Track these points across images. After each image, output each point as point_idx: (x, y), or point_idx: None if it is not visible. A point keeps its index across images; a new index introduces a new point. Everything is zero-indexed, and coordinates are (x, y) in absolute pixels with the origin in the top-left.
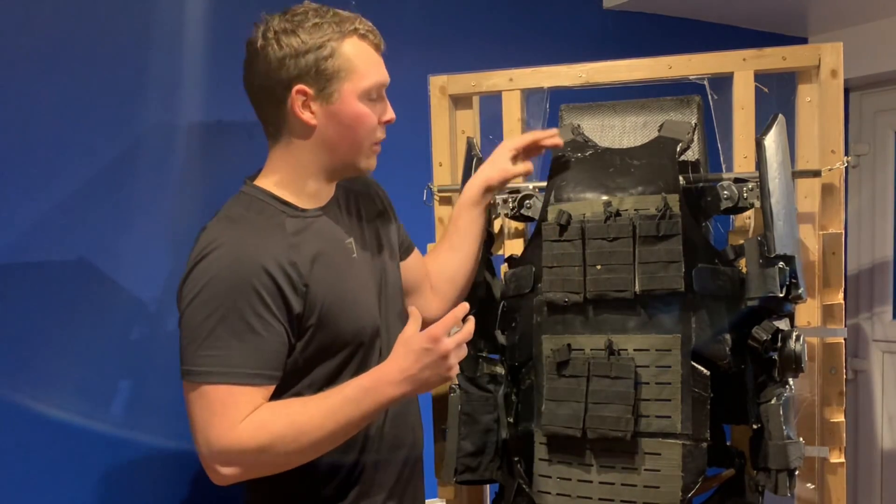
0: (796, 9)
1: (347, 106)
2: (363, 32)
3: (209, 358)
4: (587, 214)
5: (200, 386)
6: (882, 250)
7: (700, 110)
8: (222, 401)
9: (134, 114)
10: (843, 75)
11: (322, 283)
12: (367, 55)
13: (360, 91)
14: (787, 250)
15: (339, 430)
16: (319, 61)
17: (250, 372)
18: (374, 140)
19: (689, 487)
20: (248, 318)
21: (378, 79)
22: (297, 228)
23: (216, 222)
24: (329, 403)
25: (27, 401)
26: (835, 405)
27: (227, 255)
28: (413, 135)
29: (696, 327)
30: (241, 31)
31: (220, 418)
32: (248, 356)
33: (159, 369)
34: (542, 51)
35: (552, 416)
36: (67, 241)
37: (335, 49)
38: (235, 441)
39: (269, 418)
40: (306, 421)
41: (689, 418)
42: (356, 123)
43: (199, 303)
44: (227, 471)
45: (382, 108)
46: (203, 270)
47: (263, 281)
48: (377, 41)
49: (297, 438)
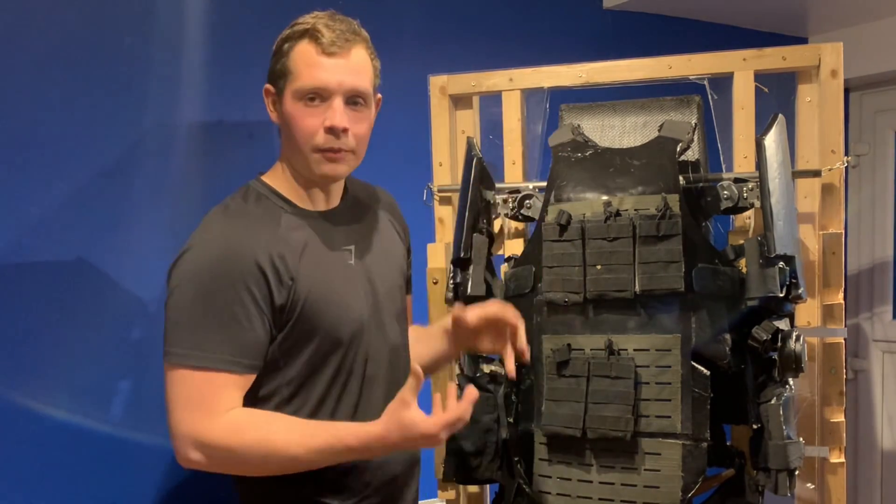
0: (796, 9)
1: (287, 106)
2: (315, 35)
3: (190, 342)
4: (587, 214)
5: (179, 369)
6: (882, 250)
7: (700, 110)
8: (200, 388)
9: (134, 114)
10: (843, 75)
11: (308, 277)
12: (308, 57)
13: (292, 91)
14: (787, 250)
15: (307, 464)
16: (277, 61)
17: (229, 359)
18: (314, 145)
19: (689, 487)
20: (232, 307)
21: (311, 82)
22: (292, 225)
23: (214, 212)
24: (310, 442)
25: (27, 401)
26: (835, 405)
27: (218, 246)
28: (413, 135)
29: (696, 327)
30: (242, 32)
31: (196, 406)
32: (228, 344)
33: (159, 369)
34: (542, 51)
35: (552, 415)
36: (67, 241)
37: (288, 50)
38: (207, 434)
39: (245, 426)
40: (282, 446)
41: (689, 418)
42: (293, 125)
43: (186, 289)
44: (194, 456)
45: (326, 113)
46: (193, 258)
47: (251, 272)
48: (330, 43)
49: (265, 456)
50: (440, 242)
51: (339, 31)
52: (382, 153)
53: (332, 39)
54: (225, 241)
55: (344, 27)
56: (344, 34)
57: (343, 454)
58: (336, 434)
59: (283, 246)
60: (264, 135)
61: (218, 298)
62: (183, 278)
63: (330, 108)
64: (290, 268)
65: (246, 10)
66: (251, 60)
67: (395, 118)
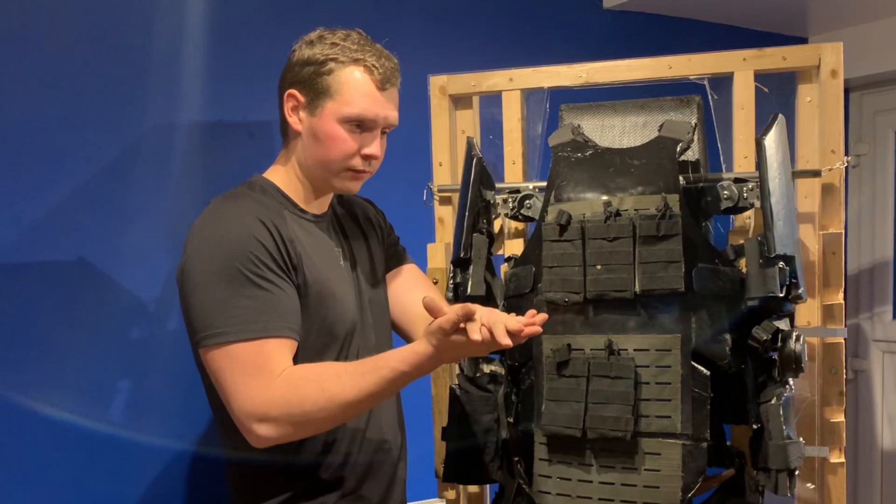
0: (796, 9)
1: (326, 123)
2: (369, 65)
3: (225, 320)
4: (587, 214)
5: (224, 347)
6: (882, 250)
7: (700, 110)
8: (250, 359)
9: (134, 114)
10: (843, 75)
11: (312, 269)
12: (362, 87)
13: (340, 115)
14: (787, 250)
15: (371, 405)
16: (316, 75)
17: (269, 325)
18: (348, 166)
19: (689, 487)
20: (253, 279)
21: (364, 111)
22: (293, 220)
23: (217, 199)
24: (361, 383)
25: (27, 401)
26: (835, 405)
27: (225, 224)
28: (413, 135)
29: (696, 327)
30: (241, 32)
31: (251, 377)
32: (262, 312)
33: (159, 369)
34: (542, 51)
35: (552, 416)
36: (67, 241)
37: (334, 69)
38: (266, 402)
39: (300, 382)
40: (338, 392)
41: (689, 418)
42: (328, 142)
43: (202, 272)
44: (263, 431)
45: (368, 140)
46: (202, 242)
47: (265, 240)
48: (384, 80)
49: (329, 409)
50: (440, 242)
51: (390, 69)
52: None
53: (386, 76)
54: (233, 217)
55: (392, 65)
56: (394, 73)
57: (398, 381)
58: (385, 366)
59: (289, 232)
60: (264, 135)
61: (237, 273)
62: (196, 263)
63: (373, 138)
64: (295, 255)
65: (246, 9)
66: (251, 60)
67: None
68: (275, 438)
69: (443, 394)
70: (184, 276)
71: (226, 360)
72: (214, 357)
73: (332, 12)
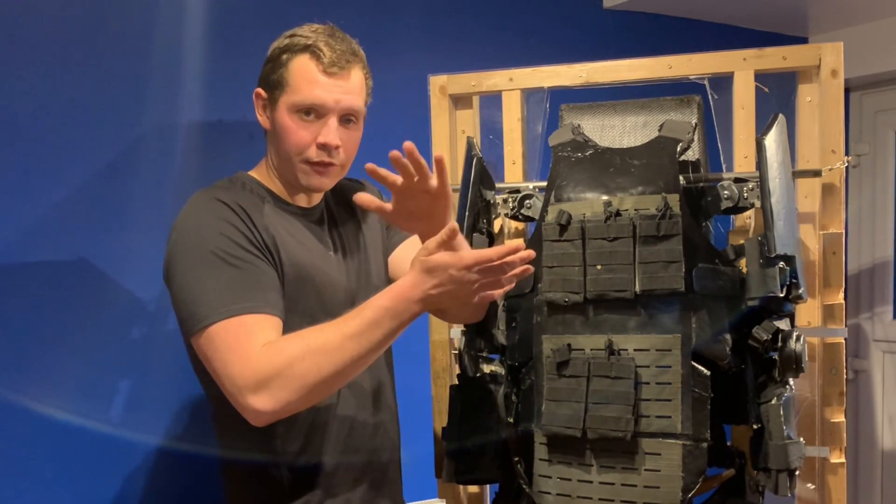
0: (796, 9)
1: (280, 116)
2: (316, 52)
3: (208, 303)
4: (587, 214)
5: (207, 329)
6: (882, 250)
7: (700, 110)
8: (233, 335)
9: (134, 114)
10: (843, 75)
11: (290, 253)
12: (308, 74)
13: (288, 104)
14: (787, 250)
15: (362, 352)
16: (272, 70)
17: (247, 302)
18: (304, 158)
19: (690, 487)
20: (228, 259)
21: (310, 98)
22: (274, 212)
23: (197, 193)
24: (349, 326)
25: (27, 400)
26: (835, 405)
27: (201, 213)
28: (413, 135)
29: (697, 327)
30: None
31: (234, 351)
32: (237, 289)
33: (159, 369)
34: (542, 51)
35: (552, 416)
36: (67, 241)
37: (286, 61)
38: (255, 367)
39: (283, 344)
40: (323, 343)
41: (690, 418)
42: (283, 135)
43: (183, 262)
44: (260, 402)
45: (321, 129)
46: (179, 234)
47: (233, 223)
48: (331, 63)
49: (317, 361)
50: None
51: (339, 51)
52: (382, 153)
53: (332, 59)
54: (205, 207)
55: (344, 47)
56: (344, 55)
57: (385, 321)
58: (367, 306)
59: (263, 220)
60: (264, 135)
61: (212, 257)
62: (175, 257)
63: (325, 126)
64: (269, 237)
65: (246, 9)
66: (251, 60)
67: (395, 118)
68: (274, 409)
69: (443, 394)
70: (168, 274)
71: (211, 342)
72: (201, 343)
73: (332, 13)
